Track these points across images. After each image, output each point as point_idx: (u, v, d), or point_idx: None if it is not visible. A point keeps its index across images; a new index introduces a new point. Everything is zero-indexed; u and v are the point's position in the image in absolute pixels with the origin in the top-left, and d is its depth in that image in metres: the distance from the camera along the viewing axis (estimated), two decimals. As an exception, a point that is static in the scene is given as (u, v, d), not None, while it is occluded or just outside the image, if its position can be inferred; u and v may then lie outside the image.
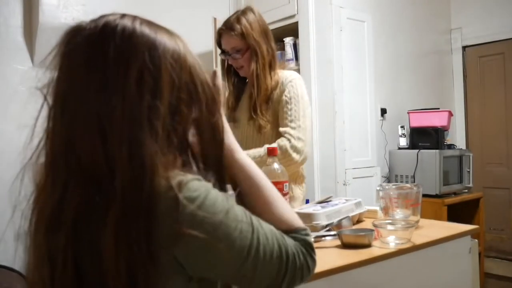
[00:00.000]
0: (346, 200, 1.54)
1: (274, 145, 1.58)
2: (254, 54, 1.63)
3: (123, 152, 0.62)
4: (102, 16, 0.71)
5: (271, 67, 1.67)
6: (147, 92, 0.64)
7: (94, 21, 0.70)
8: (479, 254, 2.91)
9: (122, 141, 0.62)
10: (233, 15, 1.69)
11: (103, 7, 3.06)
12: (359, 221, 1.55)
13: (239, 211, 0.68)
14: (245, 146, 1.72)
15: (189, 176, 0.65)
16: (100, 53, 0.65)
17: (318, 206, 1.43)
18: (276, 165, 1.26)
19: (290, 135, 1.59)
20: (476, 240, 1.89)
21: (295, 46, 3.06)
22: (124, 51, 0.65)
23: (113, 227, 0.61)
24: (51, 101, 0.70)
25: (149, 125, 0.63)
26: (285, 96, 1.63)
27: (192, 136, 0.70)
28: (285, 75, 1.70)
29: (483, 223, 3.23)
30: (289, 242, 0.73)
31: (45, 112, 0.72)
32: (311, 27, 2.87)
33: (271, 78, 1.65)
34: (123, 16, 0.71)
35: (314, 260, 0.75)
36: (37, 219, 0.70)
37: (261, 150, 1.59)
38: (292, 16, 2.97)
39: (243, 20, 1.62)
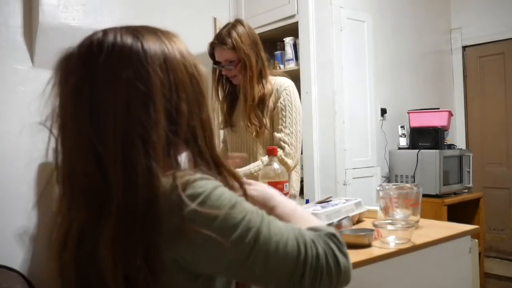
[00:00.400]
0: (346, 200, 1.54)
1: (266, 157, 1.64)
2: (243, 66, 1.73)
3: (119, 173, 0.63)
4: (88, 37, 0.71)
5: (262, 76, 1.77)
6: (137, 108, 0.64)
7: (80, 45, 0.70)
8: (479, 254, 2.91)
9: (116, 163, 0.63)
10: (223, 28, 1.78)
11: (103, 7, 3.07)
12: (359, 221, 1.55)
13: (249, 205, 0.67)
14: (243, 149, 1.83)
15: (197, 175, 0.65)
16: (87, 77, 0.66)
17: (318, 206, 1.43)
18: (276, 165, 1.26)
19: (284, 141, 1.72)
20: (476, 240, 1.89)
21: (295, 46, 3.06)
22: (108, 71, 0.66)
23: (108, 242, 0.62)
24: (55, 130, 0.72)
25: (142, 142, 0.64)
26: (280, 103, 1.75)
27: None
28: (279, 82, 1.80)
29: (483, 223, 3.23)
30: (309, 233, 0.69)
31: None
32: (311, 27, 2.87)
33: (263, 86, 1.76)
34: (105, 32, 0.70)
35: (341, 247, 0.70)
36: (56, 237, 0.72)
37: (259, 164, 1.70)
38: (292, 16, 2.97)
39: (234, 34, 1.72)
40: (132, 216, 0.62)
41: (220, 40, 1.74)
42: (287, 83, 1.80)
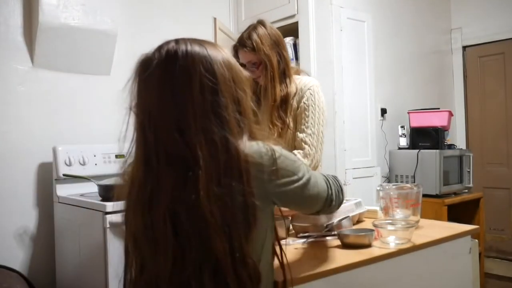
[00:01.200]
0: (346, 200, 1.54)
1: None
2: (264, 67, 1.72)
3: (200, 138, 0.86)
4: (162, 45, 0.93)
5: (285, 75, 1.76)
6: (208, 93, 0.88)
7: (157, 50, 0.92)
8: (479, 254, 2.91)
9: (197, 132, 0.86)
10: (245, 30, 1.78)
11: (103, 7, 3.07)
12: (359, 221, 1.55)
13: (298, 160, 1.01)
14: None
15: (271, 142, 0.95)
16: (168, 75, 0.89)
17: None
18: None
19: (305, 142, 1.72)
20: (476, 240, 1.88)
21: (295, 46, 3.06)
22: (185, 69, 0.89)
23: (204, 189, 0.84)
24: (139, 116, 0.91)
25: (214, 116, 0.87)
26: (304, 103, 1.75)
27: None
28: (304, 81, 1.79)
29: (483, 223, 3.23)
30: (330, 180, 1.11)
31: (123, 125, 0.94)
32: (311, 27, 2.87)
33: (286, 86, 1.75)
34: (177, 41, 0.93)
35: (342, 190, 1.16)
36: (137, 199, 0.91)
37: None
38: (292, 16, 2.97)
39: (254, 35, 1.72)
40: (217, 170, 0.85)
41: (241, 42, 1.74)
42: (312, 82, 1.79)
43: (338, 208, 1.14)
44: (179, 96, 0.88)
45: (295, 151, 1.71)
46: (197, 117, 0.86)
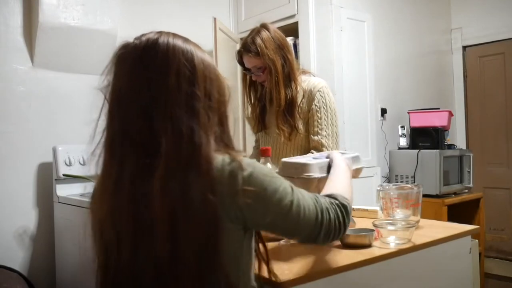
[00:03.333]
0: (343, 152, 1.38)
1: (309, 154, 1.64)
2: (269, 72, 1.71)
3: (167, 125, 0.82)
4: (143, 34, 0.90)
5: (290, 79, 1.73)
6: (185, 83, 0.84)
7: (137, 38, 0.90)
8: (479, 254, 2.91)
9: (166, 119, 0.82)
10: (249, 35, 1.76)
11: (103, 7, 3.07)
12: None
13: (280, 177, 0.89)
14: (277, 152, 1.80)
15: (242, 155, 0.87)
16: (145, 57, 0.86)
17: (311, 157, 1.32)
18: (269, 166, 1.27)
19: (322, 144, 1.70)
20: (476, 240, 1.89)
21: (295, 46, 3.06)
22: (164, 54, 0.85)
23: (159, 179, 0.80)
24: (109, 101, 0.88)
25: (186, 105, 0.83)
26: (315, 105, 1.73)
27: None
28: (312, 83, 1.77)
29: (483, 223, 3.23)
30: (323, 200, 0.95)
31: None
32: (311, 27, 2.87)
33: (291, 89, 1.73)
34: (160, 32, 0.90)
35: (347, 216, 0.96)
36: (103, 185, 0.88)
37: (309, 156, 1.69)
38: (292, 16, 2.97)
39: (258, 40, 1.70)
40: (177, 161, 0.80)
41: (245, 47, 1.73)
42: (321, 84, 1.77)
43: (334, 239, 0.95)
44: (153, 79, 0.84)
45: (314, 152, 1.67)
46: (168, 104, 0.83)
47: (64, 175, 2.35)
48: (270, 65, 1.69)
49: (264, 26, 1.75)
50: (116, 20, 2.63)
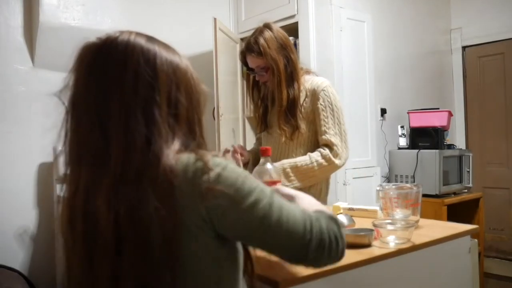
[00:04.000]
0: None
1: (315, 153, 1.72)
2: (271, 71, 1.72)
3: (119, 135, 0.75)
4: (107, 33, 0.82)
5: (293, 78, 1.74)
6: (143, 88, 0.76)
7: (99, 38, 0.82)
8: (479, 254, 2.91)
9: (119, 127, 0.75)
10: (252, 35, 1.77)
11: (103, 7, 3.07)
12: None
13: (257, 180, 0.80)
14: (279, 152, 1.81)
15: (211, 154, 0.78)
16: (100, 59, 0.78)
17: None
18: (269, 165, 1.25)
19: (332, 143, 1.70)
20: (476, 240, 1.89)
21: (295, 46, 3.06)
22: (121, 56, 0.77)
23: (104, 193, 0.74)
24: (66, 105, 0.82)
25: (142, 112, 0.75)
26: (320, 104, 1.73)
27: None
28: (316, 82, 1.77)
29: (483, 223, 3.24)
30: (313, 214, 0.81)
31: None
32: (311, 27, 2.87)
33: (293, 89, 1.73)
34: (122, 31, 0.82)
35: (341, 229, 0.82)
36: (67, 192, 0.83)
37: (307, 159, 1.71)
38: (292, 16, 2.97)
39: (261, 40, 1.71)
40: (127, 173, 0.74)
41: (248, 47, 1.74)
42: (325, 83, 1.76)
43: (330, 255, 0.79)
44: (107, 83, 0.76)
45: (323, 150, 1.70)
46: (122, 110, 0.75)
47: (64, 175, 2.35)
48: (273, 65, 1.70)
49: (267, 26, 1.75)
50: (116, 20, 2.63)
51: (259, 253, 0.89)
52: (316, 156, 1.70)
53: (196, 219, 0.74)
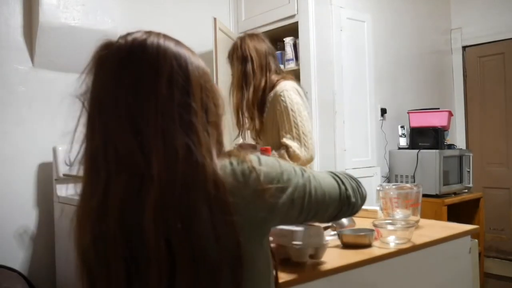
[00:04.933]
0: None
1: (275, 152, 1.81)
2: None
3: (159, 142, 0.70)
4: (129, 33, 0.78)
5: (247, 84, 1.90)
6: (177, 92, 0.72)
7: (122, 37, 0.78)
8: (479, 254, 2.91)
9: (156, 133, 0.70)
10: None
11: (103, 7, 3.07)
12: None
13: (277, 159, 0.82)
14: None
15: (242, 153, 0.78)
16: (131, 60, 0.74)
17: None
18: None
19: (288, 145, 1.80)
20: (476, 240, 1.88)
21: (295, 46, 3.06)
22: (154, 58, 0.73)
23: (152, 208, 0.68)
24: (88, 108, 0.75)
25: (180, 119, 0.71)
26: (277, 110, 1.83)
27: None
28: (276, 88, 1.87)
29: (483, 223, 3.23)
30: (337, 173, 0.92)
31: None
32: (311, 27, 2.88)
33: (246, 92, 1.91)
34: (149, 32, 0.78)
35: (357, 181, 0.95)
36: (85, 208, 0.75)
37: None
38: (292, 16, 2.97)
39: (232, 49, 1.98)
40: (174, 185, 0.69)
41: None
42: (282, 88, 1.84)
43: (362, 204, 0.94)
44: (140, 86, 0.72)
45: (281, 151, 1.79)
46: (159, 116, 0.70)
47: (64, 175, 2.35)
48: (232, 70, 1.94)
49: (239, 37, 1.96)
50: (116, 20, 2.63)
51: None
52: (275, 154, 1.80)
53: (256, 221, 0.74)
